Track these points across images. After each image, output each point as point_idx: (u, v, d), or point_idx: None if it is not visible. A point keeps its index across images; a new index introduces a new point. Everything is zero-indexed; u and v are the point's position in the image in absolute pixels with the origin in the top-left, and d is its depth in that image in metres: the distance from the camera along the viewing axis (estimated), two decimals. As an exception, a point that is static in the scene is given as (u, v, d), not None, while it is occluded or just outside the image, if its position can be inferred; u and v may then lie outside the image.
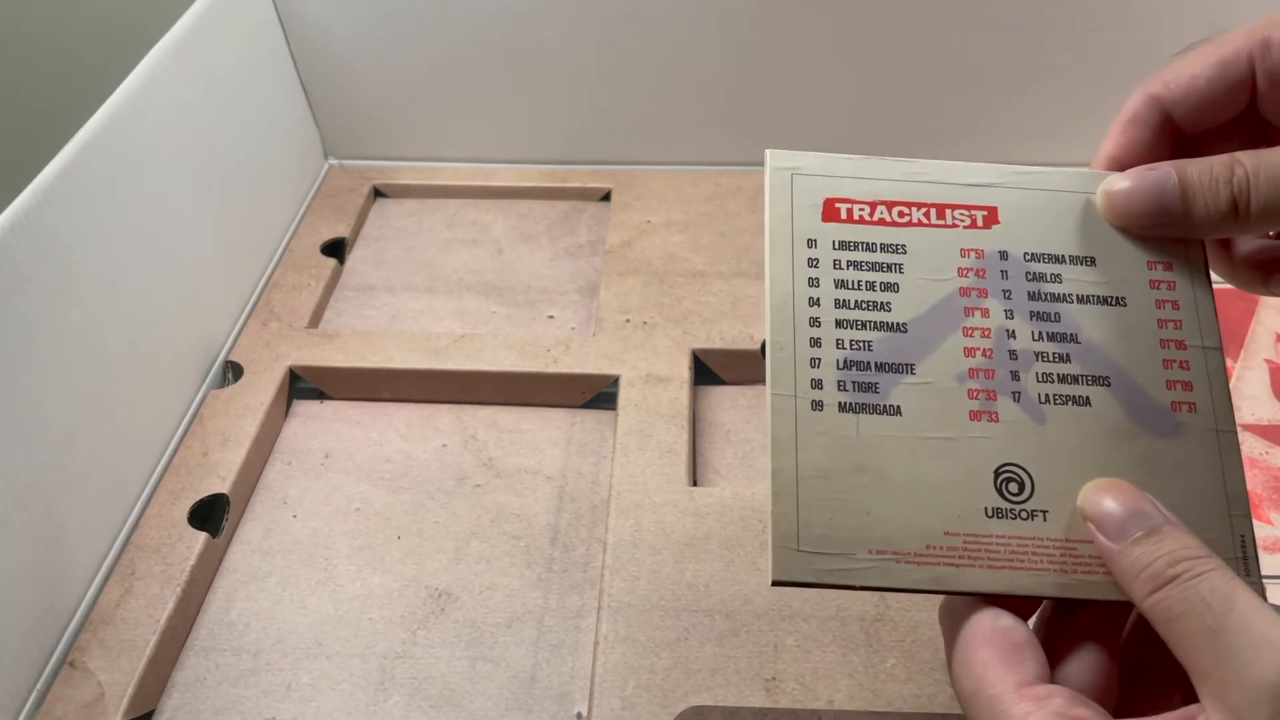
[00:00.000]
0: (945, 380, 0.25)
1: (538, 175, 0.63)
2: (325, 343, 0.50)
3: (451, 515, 0.43)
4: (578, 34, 0.57)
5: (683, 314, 0.51)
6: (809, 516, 0.24)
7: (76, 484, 0.39)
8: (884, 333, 0.25)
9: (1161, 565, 0.21)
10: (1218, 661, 0.20)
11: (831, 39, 0.57)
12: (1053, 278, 0.26)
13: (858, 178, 0.27)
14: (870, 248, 0.26)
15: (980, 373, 0.25)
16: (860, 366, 0.25)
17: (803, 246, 0.26)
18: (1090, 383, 0.25)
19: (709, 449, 0.46)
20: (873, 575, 0.23)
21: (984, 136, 0.60)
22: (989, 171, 0.27)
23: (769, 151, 0.28)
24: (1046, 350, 0.25)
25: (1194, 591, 0.21)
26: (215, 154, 0.50)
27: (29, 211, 0.36)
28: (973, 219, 0.27)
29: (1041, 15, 0.55)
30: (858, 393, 0.25)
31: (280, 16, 0.58)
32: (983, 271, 0.26)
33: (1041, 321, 0.26)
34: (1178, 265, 0.26)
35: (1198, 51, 0.26)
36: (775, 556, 0.23)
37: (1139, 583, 0.22)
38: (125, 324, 0.42)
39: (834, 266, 0.26)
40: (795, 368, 0.25)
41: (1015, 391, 0.25)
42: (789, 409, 0.24)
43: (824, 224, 0.27)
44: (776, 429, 0.24)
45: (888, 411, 0.25)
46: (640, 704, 0.35)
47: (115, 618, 0.38)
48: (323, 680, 0.37)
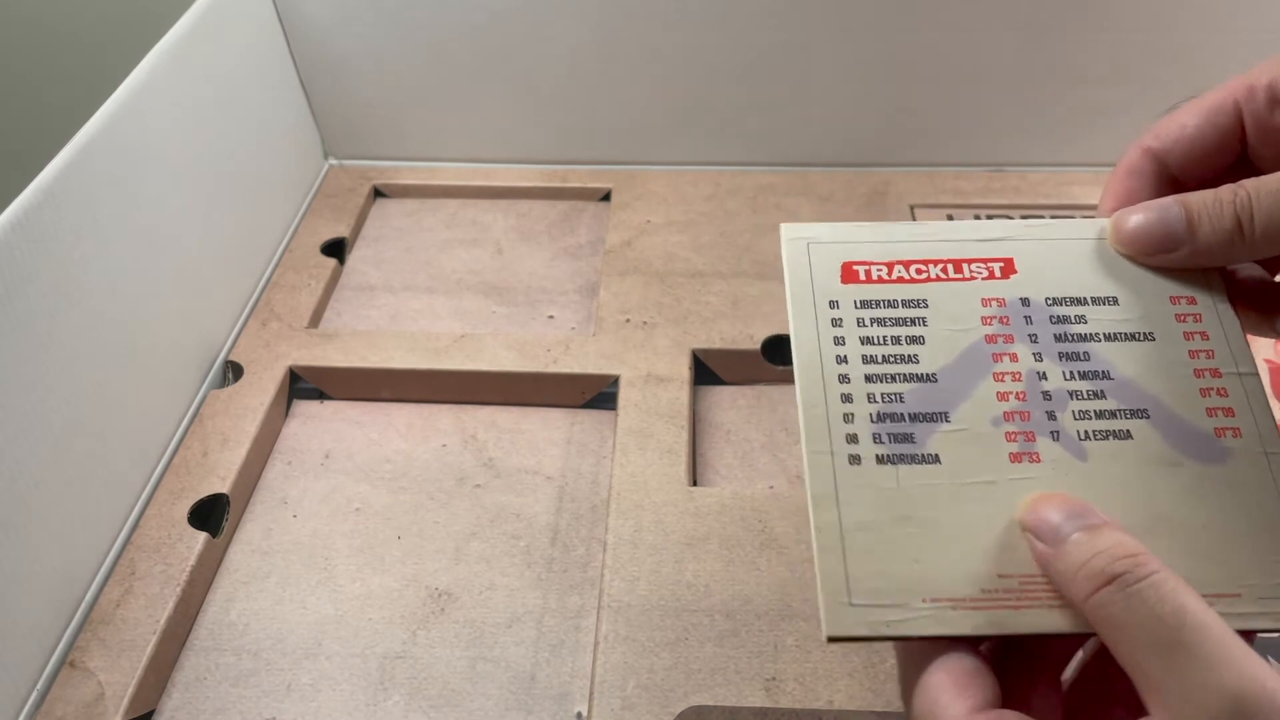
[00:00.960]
0: (981, 425, 0.25)
1: (538, 175, 0.63)
2: (325, 343, 0.50)
3: (451, 515, 0.44)
4: (578, 34, 0.57)
5: (683, 314, 0.51)
6: (857, 570, 0.23)
7: (76, 484, 0.39)
8: (914, 384, 0.25)
9: (1101, 562, 0.21)
10: (1169, 677, 0.19)
11: (831, 39, 0.57)
12: (1077, 319, 0.26)
13: (872, 242, 0.28)
14: (892, 304, 0.27)
15: (1016, 415, 0.25)
16: (894, 418, 0.25)
17: (825, 308, 0.27)
18: (1129, 416, 0.25)
19: (709, 449, 0.46)
20: (929, 624, 0.23)
21: (983, 136, 0.60)
22: (999, 227, 0.28)
23: (783, 225, 0.28)
24: (1080, 389, 0.25)
25: (1140, 600, 0.20)
26: (215, 154, 0.50)
27: (29, 211, 0.36)
28: (990, 270, 0.27)
29: (1042, 15, 0.55)
30: (894, 444, 0.25)
31: (280, 16, 0.58)
32: (1006, 319, 0.26)
33: (1071, 361, 0.26)
34: (1200, 297, 0.26)
35: (1187, 105, 0.27)
36: (828, 612, 0.23)
37: (1077, 582, 0.21)
38: (125, 324, 0.42)
39: (858, 324, 0.26)
40: (829, 425, 0.25)
41: (1054, 431, 0.25)
42: (826, 465, 0.24)
43: (844, 285, 0.27)
44: (815, 486, 0.24)
45: (926, 460, 0.25)
46: (640, 704, 0.35)
47: (115, 618, 0.38)
48: (323, 680, 0.37)
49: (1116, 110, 0.59)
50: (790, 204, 0.59)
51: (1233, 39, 0.55)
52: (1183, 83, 0.30)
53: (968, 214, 0.58)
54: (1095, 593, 0.21)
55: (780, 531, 0.41)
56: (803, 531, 0.41)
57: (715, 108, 0.60)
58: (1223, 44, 0.56)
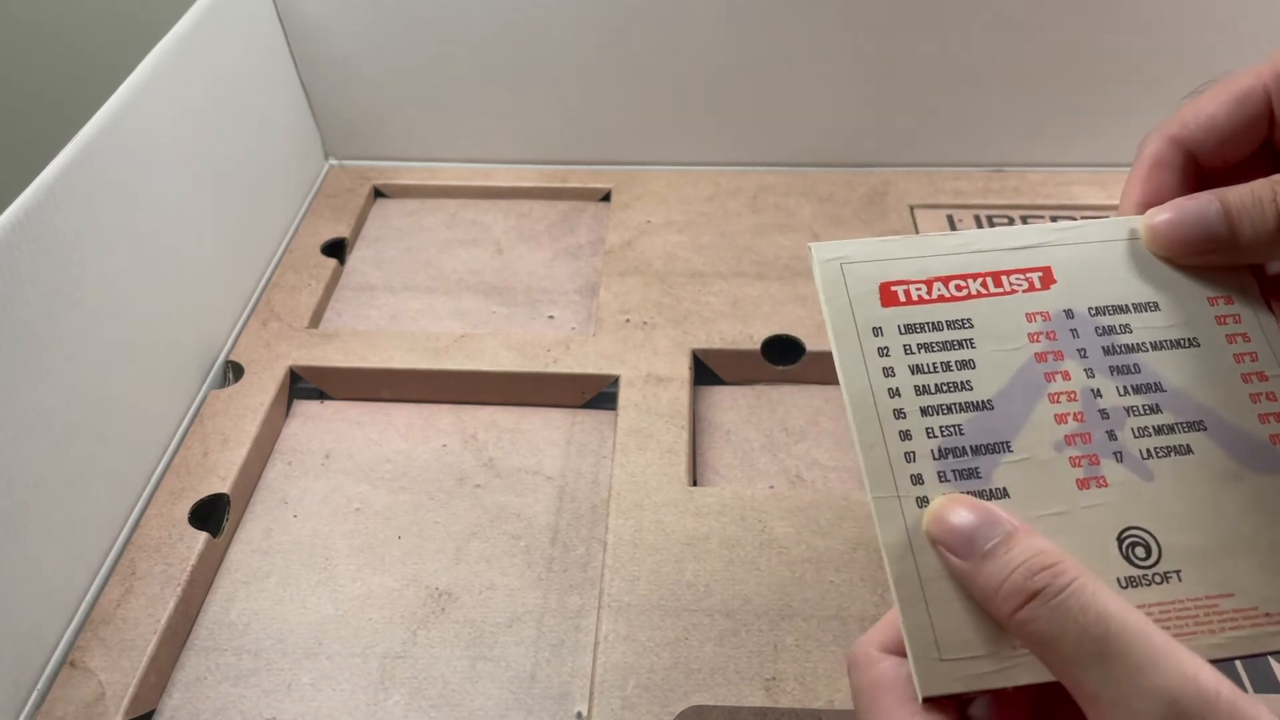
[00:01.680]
0: (1044, 452, 0.24)
1: (538, 175, 0.63)
2: (325, 343, 0.50)
3: (451, 515, 0.44)
4: (578, 34, 0.57)
5: (683, 314, 0.51)
6: (943, 622, 0.22)
7: (77, 484, 0.39)
8: (971, 413, 0.24)
9: (1020, 578, 0.20)
10: (1103, 687, 0.19)
11: (831, 39, 0.57)
12: (1122, 329, 0.25)
13: (906, 258, 0.26)
14: (937, 327, 0.25)
15: (1077, 438, 0.24)
16: (956, 453, 0.24)
17: (870, 336, 0.25)
18: (1187, 429, 0.24)
19: (709, 449, 0.46)
20: (1024, 671, 0.22)
21: (983, 136, 0.60)
22: (1031, 232, 0.27)
23: (812, 245, 0.26)
24: (1136, 404, 0.24)
25: (1063, 612, 0.20)
26: (215, 154, 0.50)
27: (29, 211, 0.36)
28: (1029, 282, 0.26)
29: (1041, 15, 0.55)
30: (960, 481, 0.23)
31: (280, 16, 0.58)
32: (1053, 334, 0.25)
33: (1123, 375, 0.25)
34: (1237, 298, 0.26)
35: (1211, 91, 0.26)
36: (920, 672, 0.22)
37: (1000, 601, 0.21)
38: (125, 324, 0.42)
39: (905, 352, 0.25)
40: (891, 466, 0.24)
41: (1116, 452, 0.24)
42: (895, 511, 0.23)
43: (884, 310, 0.25)
44: (887, 535, 0.23)
45: (995, 495, 0.23)
46: (640, 704, 0.35)
47: (116, 617, 0.38)
48: (323, 680, 0.37)
49: (1116, 110, 0.59)
50: (790, 204, 0.59)
51: (1233, 39, 0.55)
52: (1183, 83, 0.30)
53: (968, 214, 0.58)
54: (1018, 610, 0.20)
55: (780, 531, 0.41)
56: (802, 532, 0.41)
57: (715, 108, 0.60)
58: (1223, 44, 0.56)
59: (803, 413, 0.48)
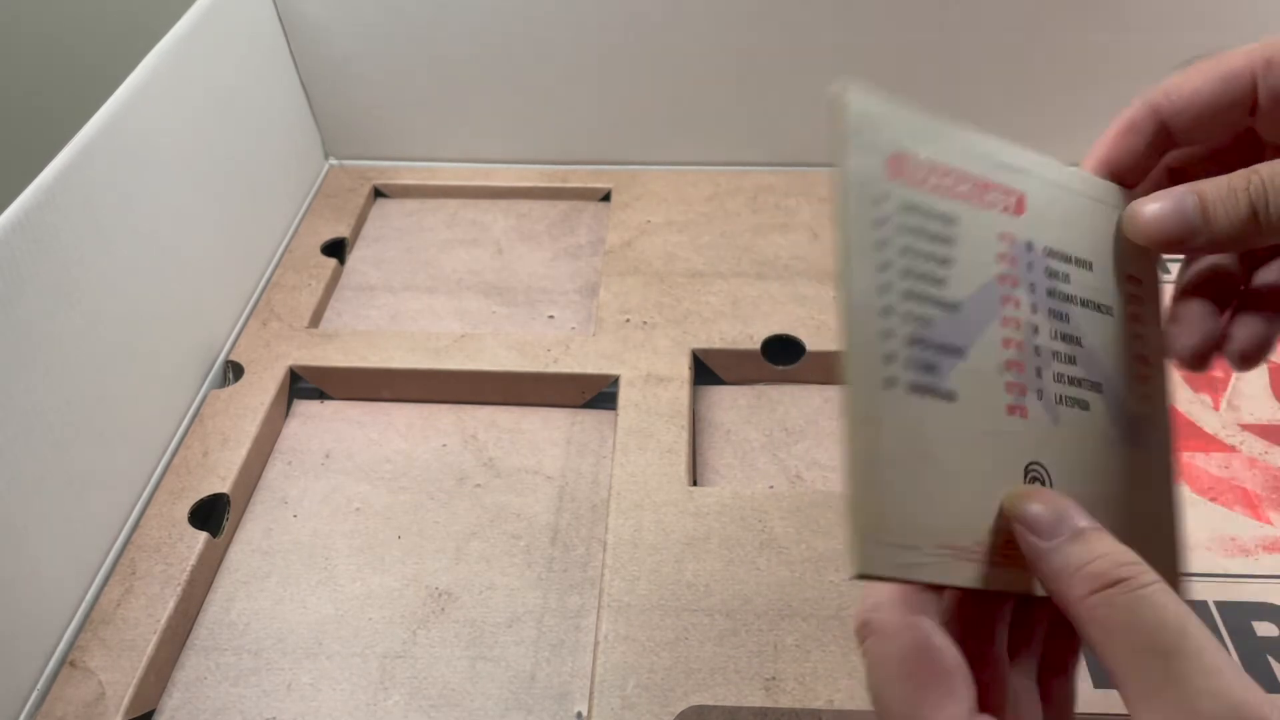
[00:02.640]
0: (989, 369, 0.24)
1: (538, 175, 0.63)
2: (325, 343, 0.50)
3: (451, 515, 0.44)
4: (578, 34, 0.57)
5: (683, 314, 0.51)
6: (889, 508, 0.21)
7: (76, 484, 0.39)
8: (942, 310, 0.23)
9: (1105, 565, 0.21)
10: (1166, 686, 0.19)
11: (831, 39, 0.57)
12: (1063, 277, 0.26)
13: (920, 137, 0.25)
14: (929, 215, 0.24)
15: (1014, 366, 0.24)
16: (924, 344, 0.23)
17: (870, 203, 0.23)
18: (1089, 388, 0.25)
19: (709, 449, 0.46)
20: (935, 571, 0.22)
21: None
22: (1027, 158, 0.26)
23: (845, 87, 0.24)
24: (1061, 350, 0.25)
25: (1146, 604, 0.20)
26: (215, 154, 0.50)
27: (29, 211, 0.36)
28: (1006, 203, 0.25)
29: (1041, 15, 0.55)
30: (923, 373, 0.22)
31: (280, 17, 0.58)
32: (1014, 260, 0.25)
33: (1057, 321, 0.25)
34: (1145, 283, 0.27)
35: (1199, 66, 0.26)
36: (861, 548, 0.21)
37: (1075, 580, 0.21)
38: (125, 324, 0.42)
39: (899, 230, 0.23)
40: (873, 332, 0.22)
41: (1039, 389, 0.24)
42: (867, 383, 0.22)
43: (890, 182, 0.24)
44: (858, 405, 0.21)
45: (946, 396, 0.23)
46: (640, 703, 0.35)
47: (116, 617, 0.38)
48: (323, 680, 0.37)
49: (1116, 110, 0.59)
50: (790, 204, 0.59)
51: (1233, 39, 0.55)
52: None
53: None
54: (1094, 593, 0.21)
55: (780, 531, 0.41)
56: (802, 532, 0.41)
57: (716, 108, 0.60)
58: (1223, 44, 0.55)
59: (803, 412, 0.48)
